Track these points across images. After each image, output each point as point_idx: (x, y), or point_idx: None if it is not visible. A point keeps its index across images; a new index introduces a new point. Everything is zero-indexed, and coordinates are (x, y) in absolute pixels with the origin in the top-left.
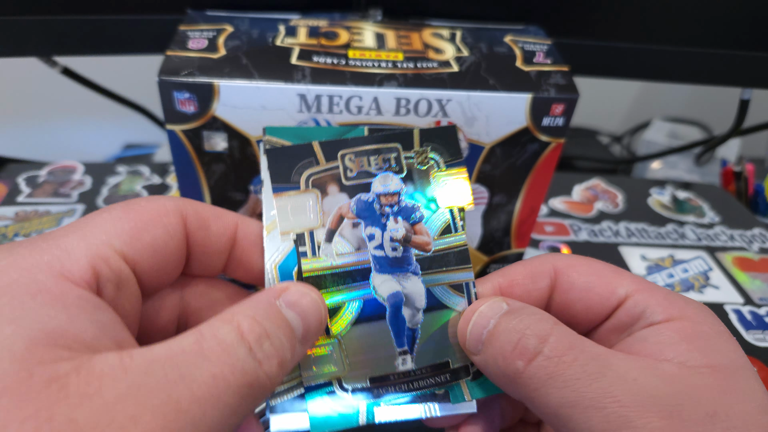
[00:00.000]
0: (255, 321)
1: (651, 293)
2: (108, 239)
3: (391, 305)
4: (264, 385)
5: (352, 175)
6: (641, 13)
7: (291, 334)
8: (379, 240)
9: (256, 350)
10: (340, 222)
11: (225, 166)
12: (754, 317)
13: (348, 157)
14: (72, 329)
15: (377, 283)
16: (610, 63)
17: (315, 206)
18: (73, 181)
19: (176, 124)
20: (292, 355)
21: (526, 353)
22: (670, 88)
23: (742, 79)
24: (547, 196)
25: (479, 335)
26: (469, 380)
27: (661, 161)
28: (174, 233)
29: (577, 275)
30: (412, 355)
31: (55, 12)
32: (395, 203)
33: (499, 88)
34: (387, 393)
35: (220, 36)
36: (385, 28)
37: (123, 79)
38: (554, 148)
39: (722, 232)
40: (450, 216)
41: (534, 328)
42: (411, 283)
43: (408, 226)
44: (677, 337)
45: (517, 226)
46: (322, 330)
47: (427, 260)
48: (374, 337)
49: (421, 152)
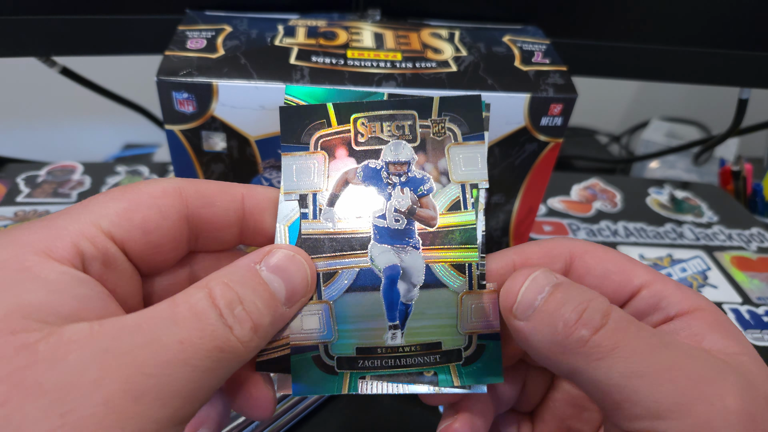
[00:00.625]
0: (227, 286)
1: (665, 284)
2: (95, 219)
3: (387, 277)
4: (236, 349)
5: (363, 141)
6: (639, 13)
7: (270, 297)
8: (383, 209)
9: (227, 315)
10: (344, 187)
11: (224, 165)
12: (753, 316)
13: (361, 122)
14: (49, 303)
15: (375, 254)
16: (608, 63)
17: (321, 169)
18: (73, 181)
19: (175, 124)
20: (274, 318)
21: (592, 323)
22: (669, 88)
23: (741, 79)
24: (546, 195)
25: (532, 300)
26: (460, 365)
27: (660, 161)
28: (168, 214)
29: (594, 261)
30: (402, 331)
31: (54, 12)
32: (404, 173)
33: (498, 87)
34: (372, 365)
35: (219, 36)
36: (383, 28)
37: (122, 79)
38: (552, 148)
39: (720, 232)
40: (461, 192)
41: (595, 303)
42: (410, 257)
43: (414, 198)
44: (707, 327)
45: (516, 226)
46: (309, 292)
47: (431, 235)
48: (366, 307)
49: (438, 122)
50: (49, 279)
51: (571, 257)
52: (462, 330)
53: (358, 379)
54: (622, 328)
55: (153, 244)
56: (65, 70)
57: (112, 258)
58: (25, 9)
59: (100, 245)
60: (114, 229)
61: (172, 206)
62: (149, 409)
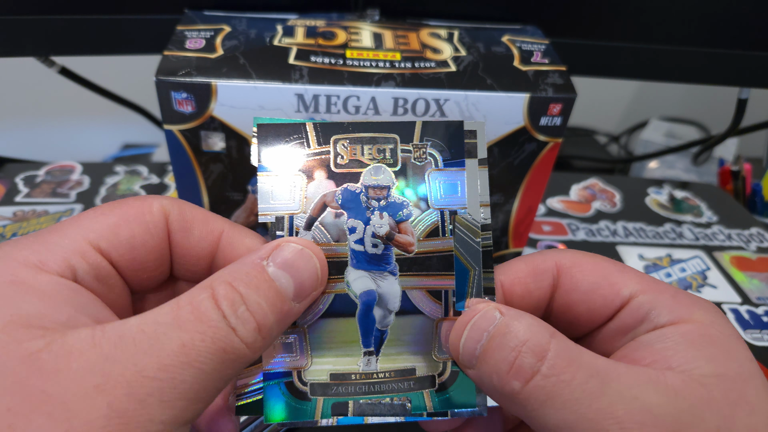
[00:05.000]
0: (230, 286)
1: (657, 293)
2: (84, 233)
3: (363, 303)
4: (240, 350)
5: (343, 163)
6: (638, 12)
7: (275, 296)
8: (361, 234)
9: (230, 316)
10: (322, 210)
11: (223, 165)
12: (752, 316)
13: (341, 143)
14: (46, 311)
15: (351, 279)
16: (607, 63)
17: (298, 191)
18: (72, 181)
19: (174, 124)
20: (280, 316)
21: (522, 373)
22: (668, 88)
23: (740, 79)
24: (545, 195)
25: (473, 350)
26: (433, 391)
27: (659, 161)
28: (155, 232)
29: (581, 275)
30: (377, 357)
31: (53, 12)
32: (383, 197)
33: (497, 87)
34: (346, 392)
35: (218, 36)
36: (382, 28)
37: (121, 79)
38: (551, 148)
39: (720, 232)
40: (440, 218)
41: (530, 343)
42: (387, 283)
43: (393, 224)
44: (684, 342)
45: (515, 226)
46: (320, 285)
47: (408, 261)
48: (341, 333)
49: (419, 146)
50: (42, 289)
51: (559, 272)
52: (437, 356)
53: (331, 405)
54: (556, 374)
55: (139, 260)
56: (64, 70)
57: (104, 272)
58: (25, 9)
59: (91, 259)
60: (103, 242)
61: (158, 224)
62: (154, 411)
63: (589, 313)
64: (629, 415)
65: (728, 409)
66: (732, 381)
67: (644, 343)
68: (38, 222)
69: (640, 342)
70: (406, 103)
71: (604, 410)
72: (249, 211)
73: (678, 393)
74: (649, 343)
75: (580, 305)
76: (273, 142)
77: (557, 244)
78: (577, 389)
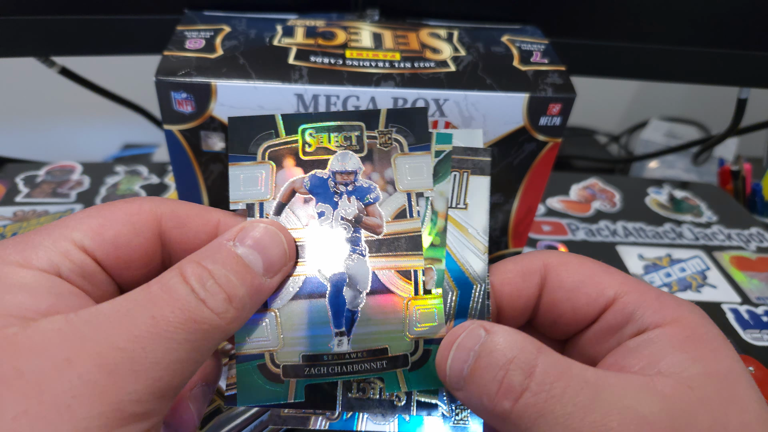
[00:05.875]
0: (198, 264)
1: (641, 294)
2: (68, 233)
3: (333, 284)
4: (212, 320)
5: (311, 151)
6: (638, 12)
7: (244, 270)
8: (330, 218)
9: (198, 290)
10: (291, 196)
11: (223, 165)
12: (752, 316)
13: (309, 132)
14: (26, 302)
15: None
16: (607, 62)
17: (268, 178)
18: (72, 181)
19: (174, 124)
20: (251, 288)
21: (512, 391)
22: (668, 88)
23: (740, 79)
24: (545, 195)
25: (460, 371)
26: (406, 370)
27: (659, 161)
28: (141, 231)
29: (567, 274)
30: (349, 337)
31: (53, 12)
32: (351, 182)
33: (496, 87)
34: (318, 372)
35: (218, 36)
36: (382, 28)
37: (121, 79)
38: (551, 148)
39: (720, 232)
40: (407, 200)
41: (518, 360)
42: (356, 265)
43: (361, 207)
44: (670, 344)
45: (515, 226)
46: (289, 260)
47: (377, 242)
48: (312, 314)
49: (384, 133)
50: (24, 282)
51: (546, 271)
52: (408, 335)
53: (304, 387)
54: (547, 388)
55: (124, 258)
56: (64, 70)
57: (89, 269)
58: (25, 9)
59: (75, 257)
60: (87, 242)
61: (145, 224)
62: (124, 381)
63: (574, 311)
64: (624, 426)
65: (721, 408)
66: (722, 380)
67: (631, 349)
68: (38, 222)
69: (627, 348)
70: (406, 103)
71: (597, 423)
72: None
73: (670, 397)
74: (636, 349)
75: (564, 303)
76: (243, 133)
77: (557, 244)
78: (569, 403)
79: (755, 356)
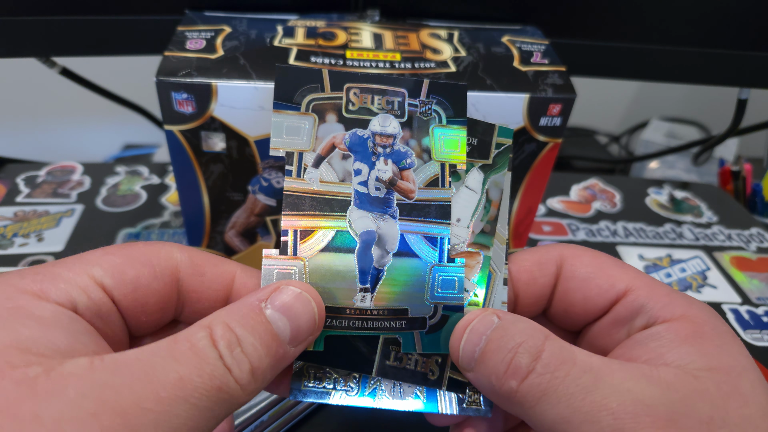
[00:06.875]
0: (227, 327)
1: (652, 290)
2: (89, 269)
3: (363, 241)
4: (233, 390)
5: (354, 109)
6: (638, 13)
7: (271, 338)
8: (365, 177)
9: (226, 356)
10: (330, 150)
11: (223, 166)
12: (752, 317)
13: (353, 91)
14: (45, 338)
15: (354, 217)
16: (607, 63)
17: (310, 130)
18: (72, 182)
19: (174, 124)
20: (274, 360)
21: (519, 372)
22: (668, 88)
23: (740, 79)
24: (545, 195)
25: (472, 353)
26: (423, 332)
27: (659, 161)
28: (160, 275)
29: (581, 265)
30: (372, 294)
31: (54, 12)
32: (389, 145)
33: (497, 88)
34: (340, 325)
35: (218, 37)
36: (382, 28)
37: (122, 79)
38: (551, 148)
39: (720, 232)
40: (440, 170)
41: (526, 345)
42: (387, 225)
43: (396, 170)
44: (677, 338)
45: (515, 226)
46: (316, 332)
47: (408, 207)
48: (339, 268)
49: (425, 102)
50: (42, 316)
51: (561, 261)
52: (429, 300)
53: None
54: (552, 370)
55: (141, 302)
56: (65, 71)
57: (105, 309)
58: (25, 9)
59: (93, 294)
60: (106, 280)
61: (165, 268)
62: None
63: (585, 301)
64: (622, 407)
65: (721, 401)
66: (725, 374)
67: (639, 341)
68: (39, 222)
69: (635, 340)
70: None
71: (598, 403)
72: (249, 211)
73: (671, 385)
74: (644, 341)
75: (576, 292)
76: (290, 83)
77: None
78: (572, 384)
79: (755, 356)
